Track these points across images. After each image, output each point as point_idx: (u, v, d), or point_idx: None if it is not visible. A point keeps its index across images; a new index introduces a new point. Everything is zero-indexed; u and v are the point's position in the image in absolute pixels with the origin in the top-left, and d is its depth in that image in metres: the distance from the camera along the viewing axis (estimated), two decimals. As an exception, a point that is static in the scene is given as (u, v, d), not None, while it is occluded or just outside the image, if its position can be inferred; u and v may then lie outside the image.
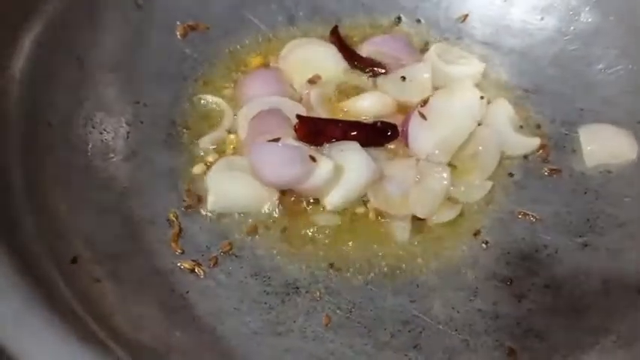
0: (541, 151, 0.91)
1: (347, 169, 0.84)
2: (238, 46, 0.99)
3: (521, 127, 0.92)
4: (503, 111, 0.92)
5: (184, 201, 0.84)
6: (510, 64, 1.00)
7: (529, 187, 0.89)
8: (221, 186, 0.84)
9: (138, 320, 0.69)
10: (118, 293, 0.70)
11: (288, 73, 0.96)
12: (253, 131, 0.86)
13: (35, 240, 0.67)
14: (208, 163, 0.87)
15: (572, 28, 1.00)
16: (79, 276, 0.68)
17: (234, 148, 0.88)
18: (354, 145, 0.85)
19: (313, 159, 0.81)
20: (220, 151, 0.88)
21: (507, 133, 0.90)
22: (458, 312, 0.78)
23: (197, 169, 0.86)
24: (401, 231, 0.84)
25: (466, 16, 1.04)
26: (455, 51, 0.98)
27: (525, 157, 0.91)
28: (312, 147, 0.85)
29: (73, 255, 0.69)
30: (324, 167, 0.82)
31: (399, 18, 1.04)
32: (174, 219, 0.81)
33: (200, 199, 0.84)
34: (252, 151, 0.83)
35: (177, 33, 0.96)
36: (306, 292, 0.78)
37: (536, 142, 0.91)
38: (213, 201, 0.83)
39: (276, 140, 0.82)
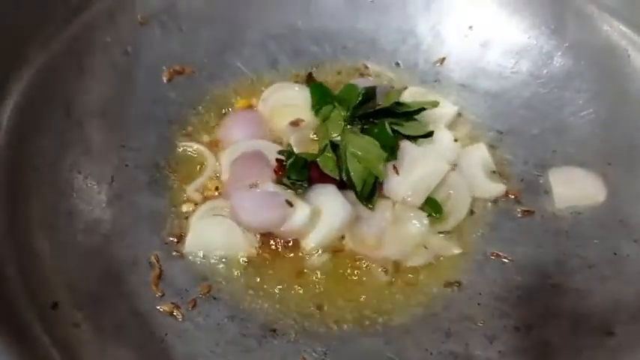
0: (512, 194, 0.94)
1: (324, 211, 0.86)
2: (223, 90, 1.03)
3: (493, 172, 0.95)
4: (480, 155, 0.95)
5: (167, 239, 0.86)
6: (485, 106, 1.03)
7: (502, 228, 0.91)
8: (201, 228, 0.86)
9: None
10: (97, 338, 0.72)
11: (268, 115, 0.99)
12: (234, 175, 0.89)
13: (17, 286, 0.69)
14: (195, 204, 0.90)
15: (545, 71, 1.03)
16: (59, 322, 0.70)
17: (217, 190, 0.91)
18: (331, 188, 0.88)
19: (290, 204, 0.84)
20: (205, 195, 0.91)
21: (479, 177, 0.93)
22: (431, 354, 0.79)
23: (185, 207, 0.89)
24: (378, 273, 0.86)
25: (444, 59, 1.07)
26: (429, 95, 1.01)
27: (494, 201, 0.93)
28: (290, 190, 0.87)
29: (53, 300, 0.71)
30: (300, 211, 0.84)
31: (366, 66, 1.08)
32: (155, 261, 0.84)
33: (181, 238, 0.87)
34: (232, 196, 0.86)
35: (164, 77, 1.00)
36: (283, 334, 0.80)
37: (501, 188, 0.93)
38: (191, 242, 0.85)
39: (255, 185, 0.85)
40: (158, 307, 0.80)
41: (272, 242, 0.87)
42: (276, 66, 1.06)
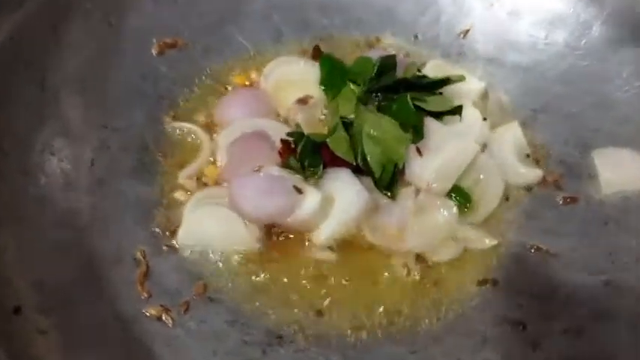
0: (552, 179, 0.83)
1: (337, 199, 0.76)
2: (220, 65, 0.91)
3: (527, 155, 0.84)
4: (512, 136, 0.85)
5: (156, 231, 0.75)
6: (516, 82, 0.92)
7: (541, 217, 0.81)
8: (195, 219, 0.75)
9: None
10: (68, 347, 0.61)
11: (272, 92, 0.87)
12: (233, 158, 0.78)
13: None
14: (189, 192, 0.79)
15: (583, 42, 0.92)
16: (21, 329, 0.58)
17: (214, 177, 0.80)
18: (345, 173, 0.76)
19: (299, 190, 0.73)
20: (200, 181, 0.80)
21: (511, 162, 0.82)
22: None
23: (177, 195, 0.79)
24: (400, 270, 0.74)
25: (467, 31, 0.96)
26: (453, 69, 0.90)
27: (529, 188, 0.82)
28: (298, 175, 0.76)
29: (15, 304, 0.60)
30: (310, 199, 0.74)
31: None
32: (141, 257, 0.73)
33: (172, 231, 0.76)
34: (231, 183, 0.76)
35: (153, 50, 0.89)
36: (291, 341, 0.69)
37: (537, 174, 0.83)
38: (185, 235, 0.74)
39: (258, 170, 0.73)
40: (144, 311, 0.69)
41: (278, 235, 0.76)
42: (281, 39, 0.96)
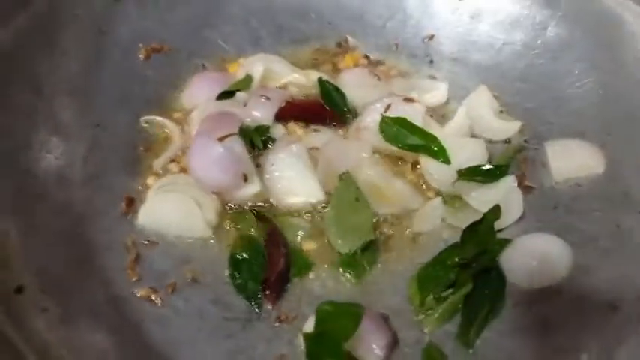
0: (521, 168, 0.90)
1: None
2: (203, 68, 0.98)
3: (501, 111, 0.93)
4: (484, 97, 0.93)
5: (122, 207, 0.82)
6: (478, 80, 0.98)
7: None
8: (155, 203, 0.81)
9: (87, 352, 0.66)
10: (67, 323, 0.67)
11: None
12: (201, 128, 0.84)
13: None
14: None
15: (539, 42, 0.99)
16: (24, 307, 0.65)
17: (183, 166, 0.86)
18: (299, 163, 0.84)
19: (245, 178, 0.80)
20: (170, 170, 0.87)
21: (489, 118, 0.91)
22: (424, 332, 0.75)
23: (150, 180, 0.85)
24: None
25: (432, 36, 1.03)
26: (416, 83, 0.98)
27: (507, 141, 0.91)
28: (259, 154, 0.85)
29: (19, 284, 0.66)
30: (249, 189, 0.81)
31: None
32: (131, 245, 0.79)
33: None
34: (195, 141, 0.81)
35: (140, 55, 0.95)
36: (268, 316, 0.75)
37: (516, 125, 0.92)
38: (144, 217, 0.81)
39: (223, 139, 0.79)
40: (134, 292, 0.75)
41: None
42: (259, 42, 1.02)
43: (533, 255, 0.78)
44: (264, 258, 0.78)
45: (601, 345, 0.71)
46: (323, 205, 0.83)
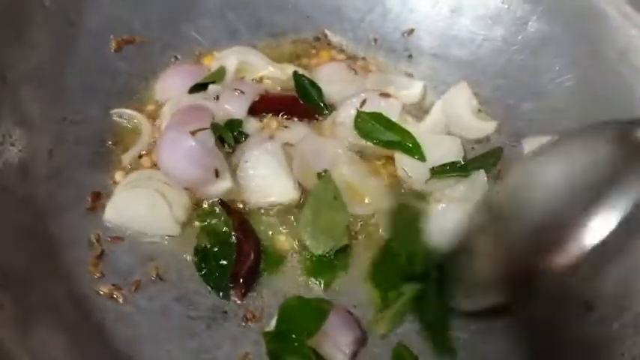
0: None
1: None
2: (175, 60, 0.96)
3: (479, 110, 0.92)
4: (463, 95, 0.92)
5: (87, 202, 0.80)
6: (458, 76, 0.97)
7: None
8: (123, 199, 0.79)
9: (42, 350, 0.63)
10: (23, 320, 0.65)
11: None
12: (173, 120, 0.82)
13: None
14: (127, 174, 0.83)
15: (519, 37, 0.97)
16: (-23, 302, 0.63)
17: (153, 160, 0.84)
18: (272, 161, 0.82)
19: (217, 173, 0.78)
20: (139, 164, 0.85)
21: (467, 117, 0.90)
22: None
23: (118, 175, 0.83)
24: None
25: (412, 30, 1.01)
26: (393, 79, 0.96)
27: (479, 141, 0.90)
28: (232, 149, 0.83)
29: (-28, 279, 0.64)
30: (220, 184, 0.80)
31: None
32: (95, 241, 0.77)
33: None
34: (165, 134, 0.80)
35: (111, 47, 0.93)
36: (234, 315, 0.73)
37: (493, 125, 0.91)
38: (110, 212, 0.79)
39: (197, 131, 0.77)
40: (97, 289, 0.73)
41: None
42: (236, 36, 1.00)
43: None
44: (232, 250, 0.76)
45: (577, 345, 0.69)
46: (296, 203, 0.81)
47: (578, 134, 0.66)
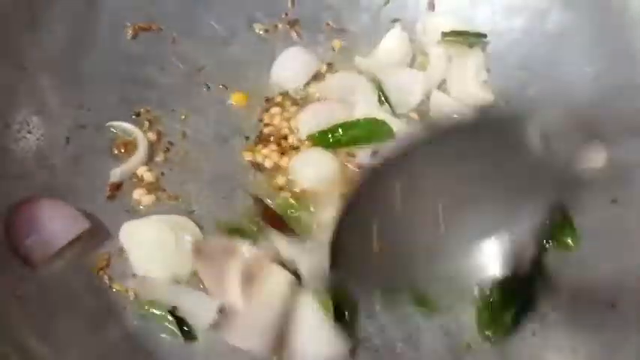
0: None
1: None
2: (193, 49, 0.94)
3: (485, 81, 0.92)
4: (474, 59, 0.92)
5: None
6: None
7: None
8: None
9: (63, 343, 0.63)
10: (44, 313, 0.64)
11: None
12: None
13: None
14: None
15: (540, 28, 0.95)
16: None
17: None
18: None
19: None
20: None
21: (468, 79, 0.90)
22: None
23: (136, 194, 0.80)
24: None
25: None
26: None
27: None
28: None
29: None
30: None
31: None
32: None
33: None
34: None
35: (128, 33, 0.91)
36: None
37: (490, 97, 0.90)
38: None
39: None
40: (118, 281, 0.73)
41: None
42: (252, 24, 0.98)
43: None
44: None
45: (599, 345, 0.69)
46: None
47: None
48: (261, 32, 0.98)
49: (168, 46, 0.93)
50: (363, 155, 0.83)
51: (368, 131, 0.84)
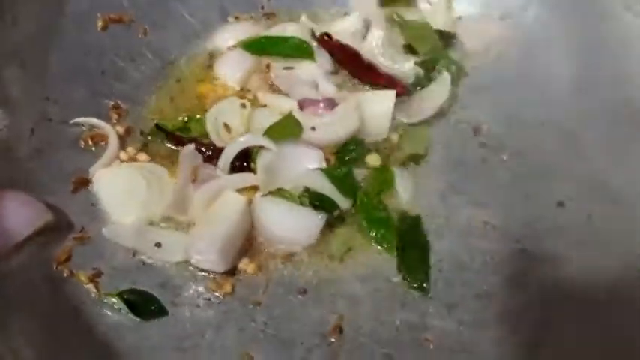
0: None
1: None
2: (165, 41, 0.93)
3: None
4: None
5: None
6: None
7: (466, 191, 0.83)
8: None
9: (20, 339, 0.62)
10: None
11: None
12: None
13: None
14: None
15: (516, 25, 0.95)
16: None
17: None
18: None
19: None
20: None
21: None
22: (382, 324, 0.72)
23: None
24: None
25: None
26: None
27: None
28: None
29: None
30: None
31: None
32: (77, 225, 0.75)
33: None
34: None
35: (97, 25, 0.90)
36: (219, 302, 0.72)
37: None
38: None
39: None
40: (77, 274, 0.72)
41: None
42: (227, 16, 0.97)
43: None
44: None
45: (566, 341, 0.69)
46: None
47: None
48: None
49: (139, 38, 0.92)
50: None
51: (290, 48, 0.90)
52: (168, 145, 0.83)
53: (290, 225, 0.75)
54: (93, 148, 0.82)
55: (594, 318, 0.71)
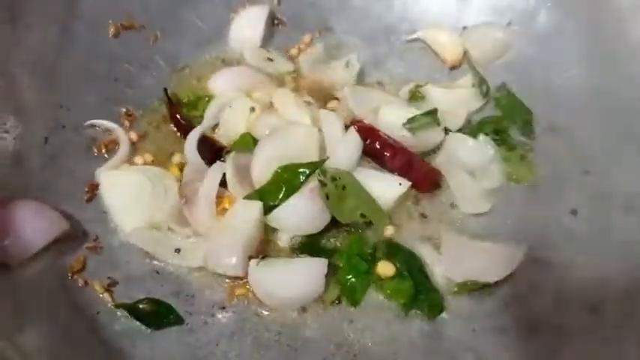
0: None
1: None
2: (176, 47, 0.93)
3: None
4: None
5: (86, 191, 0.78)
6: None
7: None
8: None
9: (34, 345, 0.62)
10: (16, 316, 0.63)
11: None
12: None
13: None
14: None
15: (529, 30, 0.94)
16: None
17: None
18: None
19: None
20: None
21: None
22: (399, 332, 0.72)
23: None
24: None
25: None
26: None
27: None
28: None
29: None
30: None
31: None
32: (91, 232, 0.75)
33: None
34: None
35: (109, 32, 0.90)
36: (233, 311, 0.72)
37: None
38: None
39: None
40: (92, 283, 0.72)
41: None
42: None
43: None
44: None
45: (582, 348, 0.68)
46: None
47: None
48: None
49: (150, 45, 0.92)
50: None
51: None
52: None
53: (294, 280, 0.71)
54: (106, 155, 0.82)
55: (607, 325, 0.70)
